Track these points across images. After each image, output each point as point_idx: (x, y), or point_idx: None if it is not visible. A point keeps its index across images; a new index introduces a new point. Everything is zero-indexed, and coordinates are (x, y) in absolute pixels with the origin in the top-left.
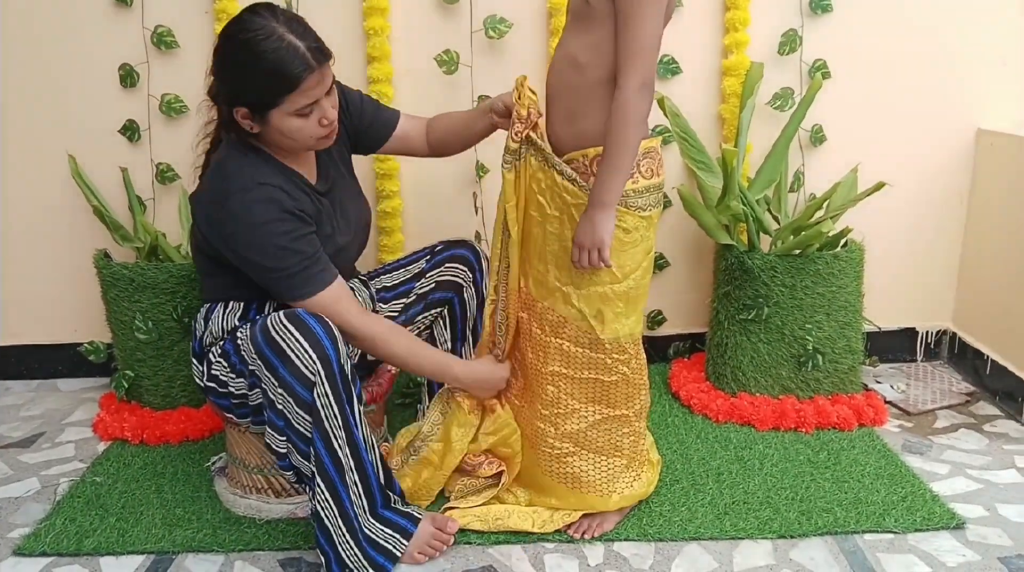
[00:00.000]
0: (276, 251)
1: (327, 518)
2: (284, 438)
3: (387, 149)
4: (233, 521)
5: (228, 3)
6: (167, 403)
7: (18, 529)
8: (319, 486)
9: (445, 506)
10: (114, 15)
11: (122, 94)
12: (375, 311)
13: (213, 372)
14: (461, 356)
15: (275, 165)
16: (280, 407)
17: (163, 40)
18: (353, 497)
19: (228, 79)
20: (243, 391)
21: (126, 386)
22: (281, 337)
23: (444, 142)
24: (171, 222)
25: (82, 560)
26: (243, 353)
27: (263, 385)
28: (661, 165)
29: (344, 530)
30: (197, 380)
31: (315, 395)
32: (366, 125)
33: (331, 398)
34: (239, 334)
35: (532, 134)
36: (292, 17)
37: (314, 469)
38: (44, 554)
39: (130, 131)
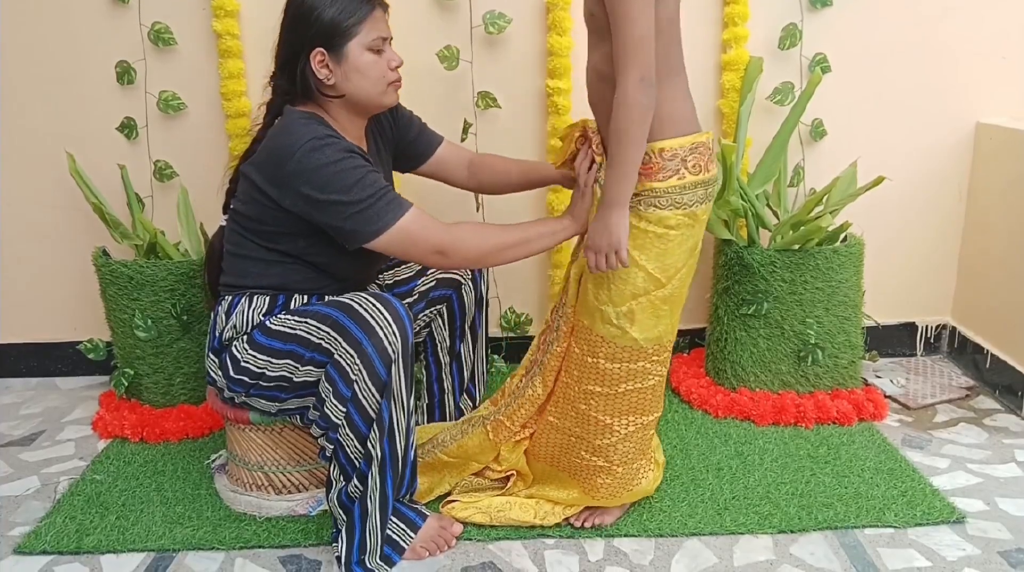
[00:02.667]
0: (354, 184)
1: (371, 501)
2: (345, 410)
3: (424, 171)
4: (233, 518)
5: (226, 0)
6: (167, 401)
7: (18, 527)
8: (375, 465)
9: (447, 499)
10: (111, 12)
11: (119, 91)
12: None
13: (243, 365)
14: (460, 354)
15: (336, 134)
16: (352, 378)
17: (160, 37)
18: (397, 482)
19: (302, 25)
20: (282, 373)
21: (126, 384)
22: (367, 311)
23: (494, 185)
24: (170, 219)
25: (82, 558)
26: (298, 331)
27: (336, 356)
28: (711, 161)
29: (379, 515)
30: (212, 374)
31: (392, 373)
32: (411, 139)
33: (403, 380)
34: (275, 321)
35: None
36: None
37: (374, 448)
38: (44, 552)
39: (128, 129)
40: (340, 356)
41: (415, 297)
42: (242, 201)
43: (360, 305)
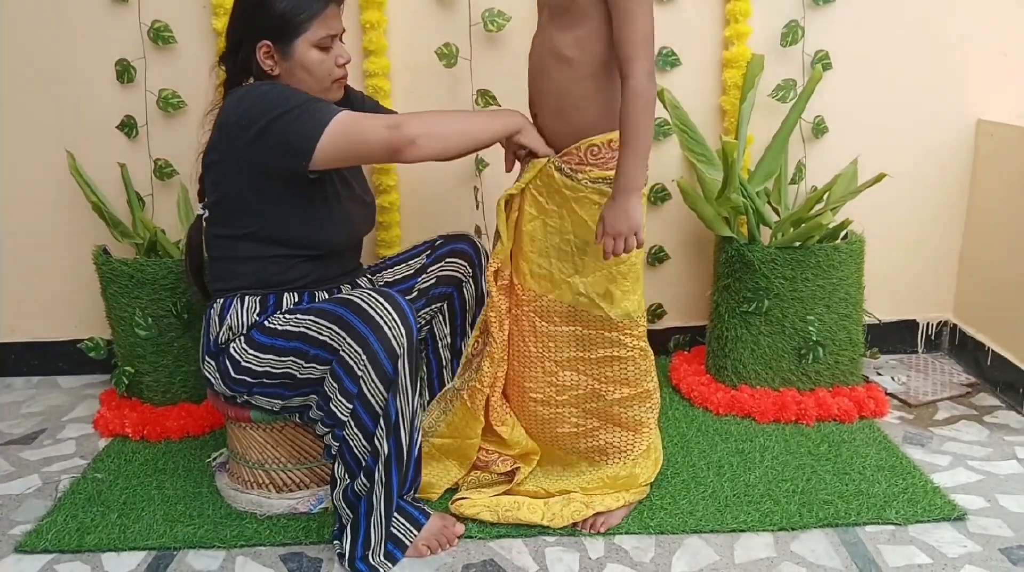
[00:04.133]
0: (291, 95)
1: (376, 497)
2: (351, 407)
3: None
4: (234, 517)
5: None
6: (167, 399)
7: (19, 526)
8: (381, 461)
9: (455, 497)
10: (111, 10)
11: (119, 90)
12: None
13: (244, 365)
14: (460, 351)
15: None
16: (359, 374)
17: (160, 35)
18: (402, 478)
19: (252, 14)
20: (285, 370)
21: (126, 382)
22: (371, 306)
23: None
24: (170, 218)
25: (83, 557)
26: (302, 328)
27: (342, 353)
28: None
29: (384, 511)
30: (210, 377)
31: (398, 369)
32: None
33: (408, 376)
34: (274, 321)
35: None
36: None
37: (380, 444)
38: (46, 551)
39: (128, 127)
40: (346, 352)
41: (415, 295)
42: (209, 194)
43: (365, 301)
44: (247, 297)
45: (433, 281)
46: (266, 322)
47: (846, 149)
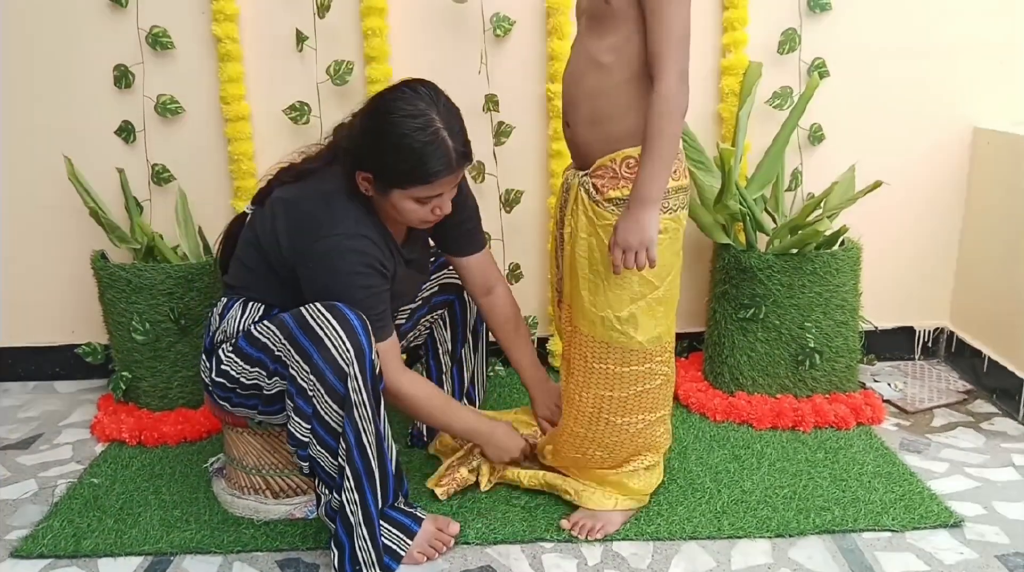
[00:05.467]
0: (349, 303)
1: (352, 513)
2: (309, 427)
3: (448, 260)
4: (231, 522)
5: (226, 3)
6: (165, 404)
7: (16, 531)
8: (348, 480)
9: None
10: (109, 16)
11: (117, 95)
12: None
13: (223, 368)
14: (461, 358)
15: (375, 219)
16: (310, 394)
17: (158, 41)
18: (376, 493)
19: (366, 145)
20: (255, 381)
21: (123, 387)
22: (318, 324)
23: (491, 320)
24: (168, 223)
25: (80, 562)
26: (266, 340)
27: (291, 371)
28: (686, 169)
29: (364, 526)
30: (204, 376)
31: (348, 387)
32: (455, 224)
33: (363, 391)
34: (256, 328)
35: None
36: (451, 108)
37: (344, 463)
38: (42, 556)
39: (125, 132)
40: (295, 371)
41: (419, 303)
42: (260, 224)
43: (311, 316)
44: (252, 302)
45: (436, 289)
46: (252, 329)
47: (843, 156)
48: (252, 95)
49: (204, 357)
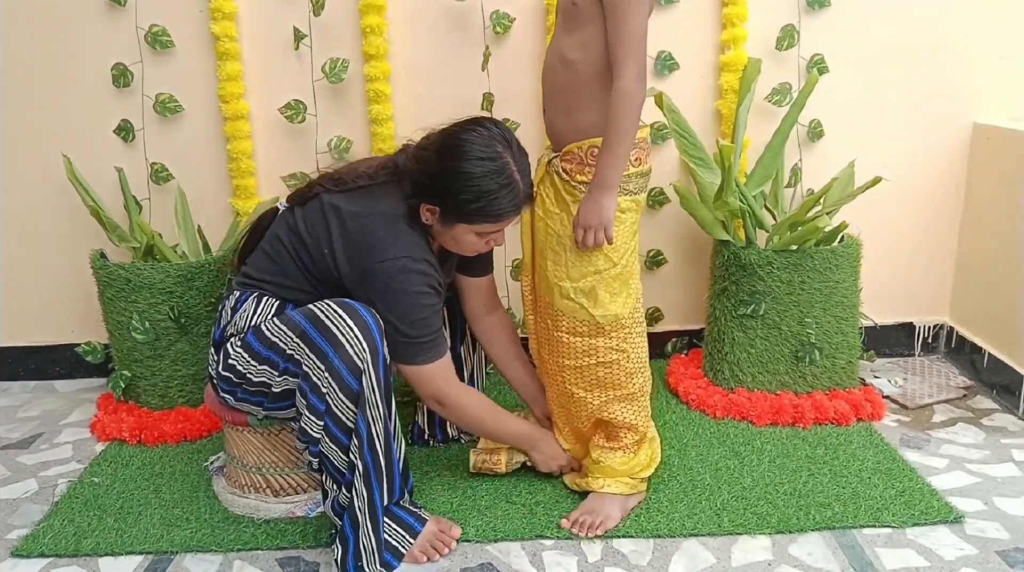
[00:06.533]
0: (417, 321)
1: (360, 509)
2: (322, 424)
3: (455, 278)
4: (231, 520)
5: (224, 2)
6: (165, 403)
7: (16, 530)
8: (358, 475)
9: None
10: (108, 14)
11: (116, 94)
12: None
13: (230, 362)
14: (460, 355)
15: (428, 242)
16: (324, 392)
17: (157, 39)
18: (383, 489)
19: (439, 182)
20: (263, 379)
21: (123, 386)
22: (333, 322)
23: (484, 342)
24: (167, 222)
25: (80, 561)
26: (276, 338)
27: (304, 369)
28: (648, 154)
29: (370, 522)
30: (210, 369)
31: (363, 385)
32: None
33: (376, 389)
34: (267, 326)
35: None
36: (521, 151)
37: (355, 459)
38: (42, 555)
39: (124, 131)
40: (309, 368)
41: None
42: (307, 226)
43: (326, 315)
44: (265, 297)
45: None
46: (263, 326)
47: (842, 152)
48: (251, 93)
49: (212, 350)
